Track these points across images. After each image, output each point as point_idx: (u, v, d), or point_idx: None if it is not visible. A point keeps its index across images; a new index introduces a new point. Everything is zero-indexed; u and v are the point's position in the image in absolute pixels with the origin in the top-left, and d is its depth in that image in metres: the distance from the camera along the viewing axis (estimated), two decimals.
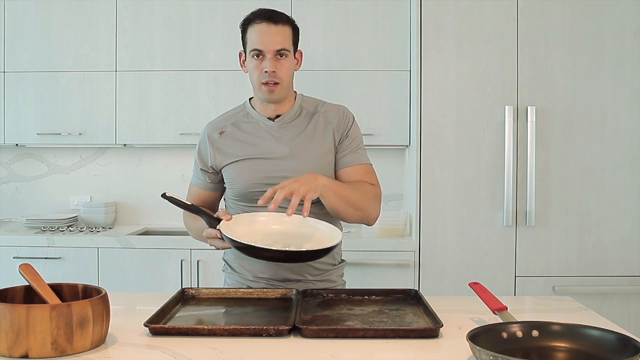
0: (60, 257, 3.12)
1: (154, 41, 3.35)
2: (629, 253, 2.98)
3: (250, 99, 1.90)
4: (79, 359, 1.20)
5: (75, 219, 3.51)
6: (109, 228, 3.44)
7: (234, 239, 1.54)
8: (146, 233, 3.45)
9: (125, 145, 3.52)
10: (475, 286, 1.57)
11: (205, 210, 1.70)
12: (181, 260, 3.09)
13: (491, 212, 2.99)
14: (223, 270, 1.94)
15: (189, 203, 1.70)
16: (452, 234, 3.00)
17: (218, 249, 1.70)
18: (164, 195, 1.63)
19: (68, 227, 3.38)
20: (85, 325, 1.21)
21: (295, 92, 1.89)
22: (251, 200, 1.79)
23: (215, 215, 1.68)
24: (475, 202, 2.99)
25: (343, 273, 1.94)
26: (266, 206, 1.60)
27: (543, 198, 2.96)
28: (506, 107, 2.95)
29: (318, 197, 1.64)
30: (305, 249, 1.59)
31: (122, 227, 3.55)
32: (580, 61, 2.96)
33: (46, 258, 3.11)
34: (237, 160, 1.81)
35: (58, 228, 3.32)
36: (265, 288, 1.75)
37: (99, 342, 1.27)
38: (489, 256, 2.99)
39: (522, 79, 2.97)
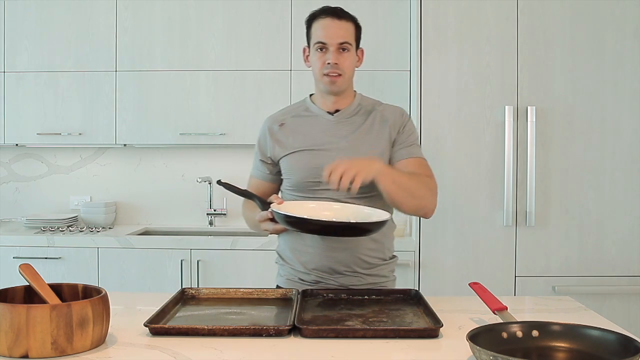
0: (60, 257, 3.12)
1: (154, 41, 3.34)
2: (629, 253, 2.98)
3: (310, 95, 1.95)
4: (79, 359, 1.20)
5: (75, 219, 3.51)
6: (109, 228, 3.44)
7: (283, 212, 1.58)
8: (146, 233, 3.45)
9: (125, 145, 3.51)
10: (475, 286, 1.57)
11: (258, 196, 1.76)
12: (181, 260, 3.08)
13: (491, 212, 2.98)
14: (276, 262, 1.98)
15: (242, 188, 1.77)
16: (452, 234, 3.00)
17: (270, 232, 1.74)
18: (219, 182, 1.73)
19: (68, 227, 3.38)
20: (85, 325, 1.21)
21: (355, 91, 1.94)
22: (306, 191, 1.83)
23: (267, 200, 1.71)
24: (475, 202, 2.99)
25: (394, 269, 1.97)
26: (321, 189, 1.74)
27: (543, 198, 2.96)
28: (506, 107, 2.95)
29: (374, 183, 1.65)
30: (353, 221, 1.59)
31: (122, 227, 3.55)
32: (580, 61, 2.96)
33: (46, 258, 3.11)
34: (295, 151, 1.85)
35: (58, 228, 3.32)
36: (316, 281, 1.82)
37: (99, 342, 1.27)
38: (489, 256, 2.99)
39: (522, 79, 2.96)
